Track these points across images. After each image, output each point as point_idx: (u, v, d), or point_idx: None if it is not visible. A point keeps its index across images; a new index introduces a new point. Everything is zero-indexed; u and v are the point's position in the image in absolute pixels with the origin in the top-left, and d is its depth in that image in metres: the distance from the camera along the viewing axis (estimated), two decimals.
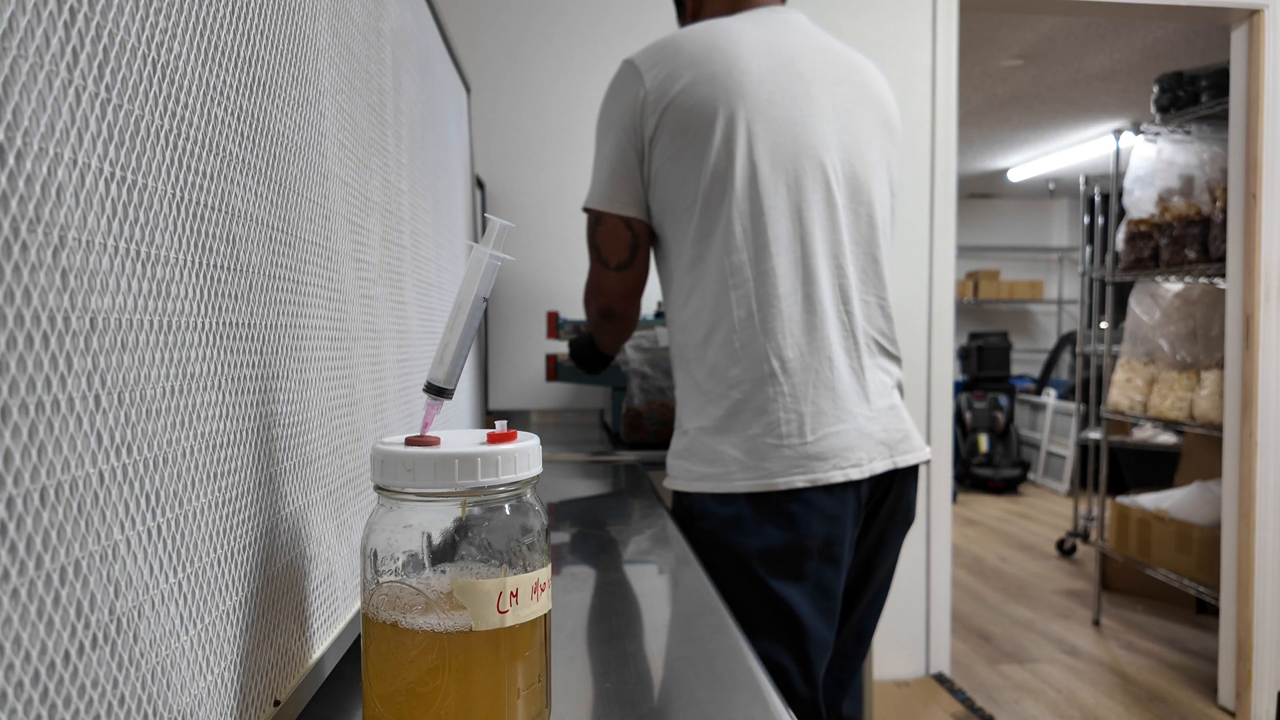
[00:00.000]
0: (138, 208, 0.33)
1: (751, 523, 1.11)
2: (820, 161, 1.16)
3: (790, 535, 1.11)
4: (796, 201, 1.14)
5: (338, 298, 0.60)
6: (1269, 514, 2.46)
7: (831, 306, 1.15)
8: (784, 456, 1.11)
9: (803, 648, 1.12)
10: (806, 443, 1.11)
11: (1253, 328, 2.47)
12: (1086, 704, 2.60)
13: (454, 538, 0.46)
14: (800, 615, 1.12)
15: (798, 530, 1.11)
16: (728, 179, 1.13)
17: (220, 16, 0.41)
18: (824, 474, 1.11)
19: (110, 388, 0.31)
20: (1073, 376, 6.17)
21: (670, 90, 1.15)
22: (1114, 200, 3.37)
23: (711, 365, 1.15)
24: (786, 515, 1.11)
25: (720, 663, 0.65)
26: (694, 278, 1.17)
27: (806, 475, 1.11)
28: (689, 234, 1.17)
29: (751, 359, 1.12)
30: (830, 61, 1.21)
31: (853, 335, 1.17)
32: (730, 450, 1.12)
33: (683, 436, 1.19)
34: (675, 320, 1.22)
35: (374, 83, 0.73)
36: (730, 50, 1.15)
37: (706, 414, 1.15)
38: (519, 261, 2.33)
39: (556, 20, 2.38)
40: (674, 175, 1.17)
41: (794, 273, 1.14)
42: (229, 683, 0.41)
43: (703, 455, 1.14)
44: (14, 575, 0.25)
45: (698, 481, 1.14)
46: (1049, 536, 4.67)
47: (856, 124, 1.20)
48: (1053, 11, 2.75)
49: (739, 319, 1.13)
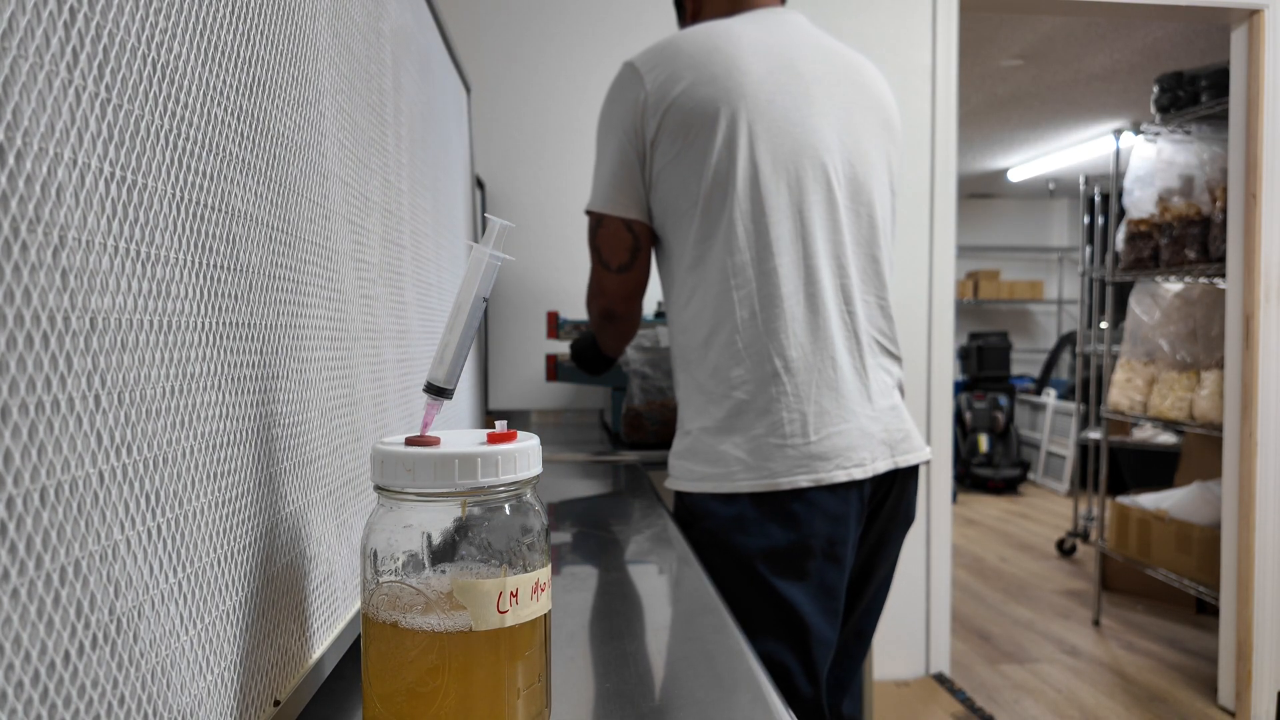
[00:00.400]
0: (138, 208, 0.33)
1: (754, 522, 1.11)
2: (821, 161, 1.16)
3: (793, 535, 1.11)
4: (798, 202, 1.14)
5: (338, 298, 0.60)
6: (1269, 514, 2.46)
7: (834, 306, 1.16)
8: (787, 456, 1.11)
9: (806, 647, 1.13)
10: (810, 442, 1.11)
11: (1253, 328, 2.47)
12: (1086, 704, 2.60)
13: (454, 538, 0.46)
14: (804, 615, 1.12)
15: (801, 530, 1.11)
16: (729, 180, 1.13)
17: (220, 16, 0.41)
18: (827, 474, 1.11)
19: (110, 388, 0.31)
20: (1073, 376, 6.17)
21: (671, 92, 1.15)
22: (1114, 200, 3.37)
23: (714, 366, 1.15)
24: (789, 515, 1.11)
25: (721, 663, 0.65)
26: (696, 278, 1.17)
27: (810, 475, 1.11)
28: (690, 235, 1.17)
29: (755, 359, 1.13)
30: (830, 62, 1.21)
31: (855, 335, 1.17)
32: (733, 450, 1.12)
33: (685, 437, 1.19)
34: (676, 321, 1.22)
35: (374, 83, 0.73)
36: (730, 51, 1.15)
37: (709, 414, 1.15)
38: (519, 261, 2.33)
39: (556, 20, 2.38)
40: (675, 177, 1.17)
41: (796, 273, 1.14)
42: (229, 683, 0.41)
43: (705, 455, 1.14)
44: (14, 575, 0.25)
45: (700, 482, 1.14)
46: (1049, 536, 4.67)
47: (856, 124, 1.21)
48: (1053, 11, 2.75)
49: (742, 319, 1.13)
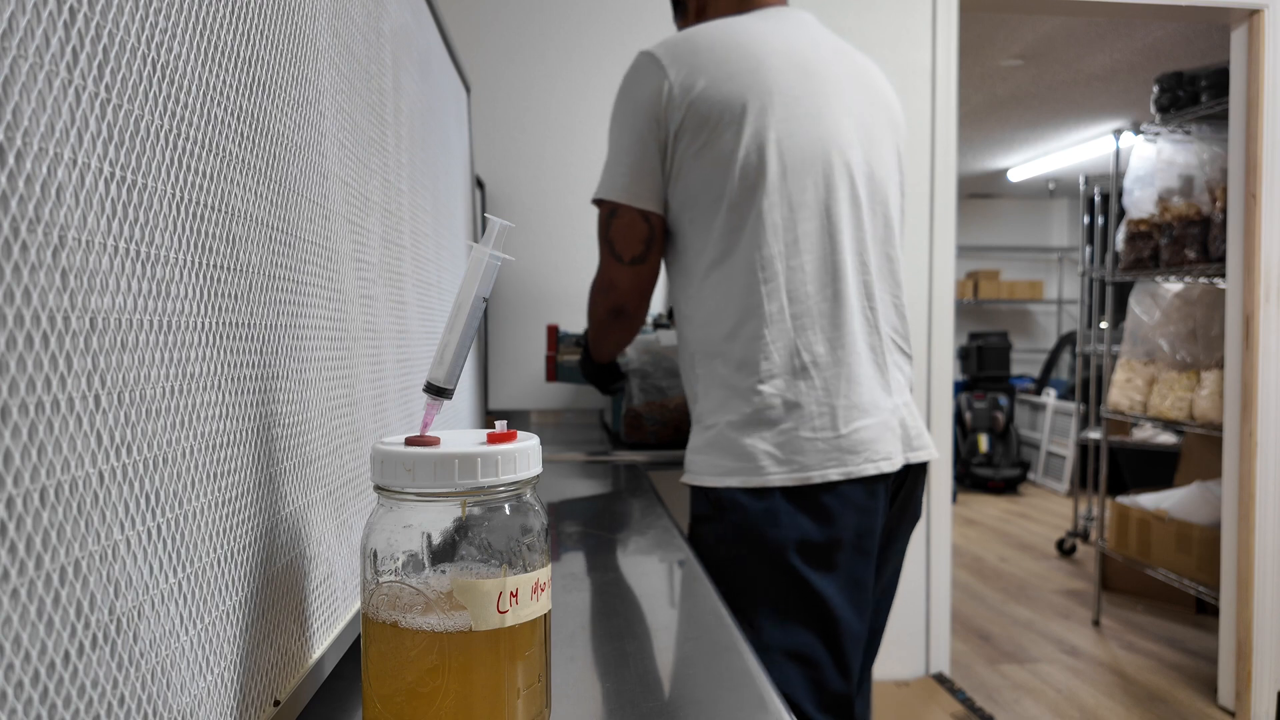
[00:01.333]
0: (138, 208, 0.33)
1: (786, 515, 1.12)
2: (846, 159, 1.17)
3: (825, 528, 1.12)
4: (825, 199, 1.16)
5: (338, 298, 0.60)
6: (1269, 514, 2.46)
7: (857, 302, 1.17)
8: (817, 449, 1.12)
9: (837, 640, 1.14)
10: (840, 436, 1.13)
11: (1253, 328, 2.47)
12: (1086, 704, 2.60)
13: (454, 538, 0.46)
14: (834, 607, 1.13)
15: (833, 523, 1.12)
16: (759, 175, 1.13)
17: (220, 16, 0.41)
18: (856, 467, 1.13)
19: (110, 388, 0.31)
20: (1073, 376, 6.17)
21: (695, 85, 1.14)
22: (1114, 200, 3.37)
23: (739, 359, 1.15)
24: (821, 508, 1.12)
25: (721, 662, 0.65)
26: (721, 273, 1.16)
27: (840, 468, 1.12)
28: (715, 229, 1.16)
29: (783, 353, 1.13)
30: (842, 62, 1.22)
31: (876, 331, 1.19)
32: (761, 444, 1.12)
33: (705, 431, 1.18)
34: (694, 317, 1.21)
35: (374, 83, 0.73)
36: (753, 48, 1.16)
37: (733, 408, 1.15)
38: (519, 262, 2.33)
39: (556, 20, 2.38)
40: (697, 171, 1.16)
41: (824, 268, 1.15)
42: (229, 683, 0.41)
43: (731, 450, 1.14)
44: (14, 575, 0.25)
45: (726, 476, 1.14)
46: (1049, 536, 4.66)
47: (869, 123, 1.22)
48: (1053, 11, 2.75)
49: (770, 313, 1.13)
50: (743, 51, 1.15)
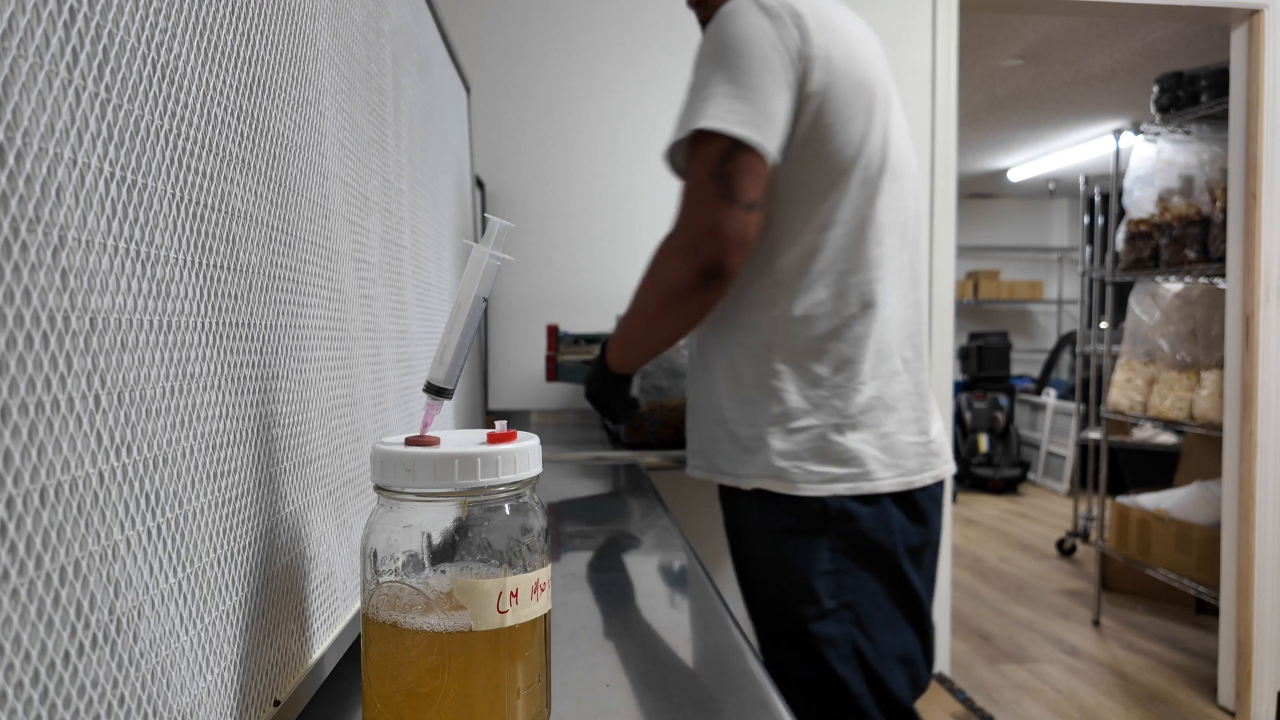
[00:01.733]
0: (138, 208, 0.33)
1: (897, 520, 1.13)
2: (912, 162, 1.20)
3: (922, 529, 1.15)
4: (911, 204, 1.18)
5: (338, 298, 0.60)
6: (1269, 514, 2.46)
7: (923, 306, 1.20)
8: (915, 452, 1.14)
9: (927, 637, 1.17)
10: (930, 440, 1.16)
11: (1253, 328, 2.47)
12: (1086, 704, 2.60)
13: (454, 538, 0.46)
14: (925, 606, 1.16)
15: (926, 524, 1.15)
16: (877, 171, 1.11)
17: (220, 16, 0.41)
18: (942, 469, 1.17)
19: (110, 388, 0.31)
20: (1073, 376, 6.17)
21: (834, 55, 1.04)
22: (1114, 200, 3.37)
23: (838, 359, 1.10)
24: (920, 511, 1.15)
25: (721, 663, 0.65)
26: (823, 265, 1.10)
27: (932, 472, 1.15)
28: (819, 216, 1.08)
29: (881, 355, 1.13)
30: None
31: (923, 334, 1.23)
32: (865, 448, 1.10)
33: (791, 435, 1.10)
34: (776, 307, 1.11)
35: (374, 83, 0.73)
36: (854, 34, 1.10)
37: (831, 409, 1.11)
38: (519, 262, 2.33)
39: (557, 20, 2.38)
40: (812, 149, 1.06)
41: (910, 273, 1.17)
42: (229, 683, 0.41)
43: (833, 455, 1.10)
44: (14, 575, 0.25)
45: (832, 484, 1.09)
46: (1049, 536, 4.66)
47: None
48: (1053, 11, 2.75)
49: (873, 314, 1.11)
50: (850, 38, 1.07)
